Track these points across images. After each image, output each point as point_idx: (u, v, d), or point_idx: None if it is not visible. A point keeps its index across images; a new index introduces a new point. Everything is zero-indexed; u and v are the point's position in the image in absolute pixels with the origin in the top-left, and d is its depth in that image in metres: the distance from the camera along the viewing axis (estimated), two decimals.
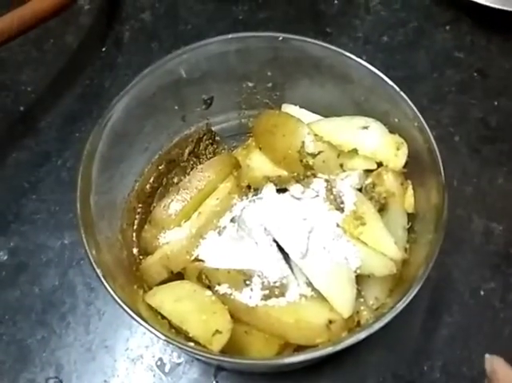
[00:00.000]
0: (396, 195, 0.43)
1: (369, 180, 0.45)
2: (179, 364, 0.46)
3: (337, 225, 0.41)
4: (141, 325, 0.35)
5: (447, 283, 0.48)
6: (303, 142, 0.44)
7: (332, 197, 0.42)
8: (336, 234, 0.40)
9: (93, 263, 0.37)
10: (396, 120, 0.44)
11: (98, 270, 0.36)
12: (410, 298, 0.36)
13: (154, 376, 0.46)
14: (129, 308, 0.35)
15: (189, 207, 0.45)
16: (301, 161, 0.44)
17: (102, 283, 0.36)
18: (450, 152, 0.55)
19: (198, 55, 0.47)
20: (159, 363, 0.46)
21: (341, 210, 0.42)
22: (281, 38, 0.45)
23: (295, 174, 0.45)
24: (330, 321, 0.38)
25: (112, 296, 0.35)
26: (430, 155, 0.40)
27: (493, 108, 0.58)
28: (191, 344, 0.37)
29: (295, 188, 0.44)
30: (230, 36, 0.46)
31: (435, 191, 0.39)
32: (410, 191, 0.43)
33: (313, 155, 0.44)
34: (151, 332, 0.35)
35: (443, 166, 0.40)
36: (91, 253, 0.37)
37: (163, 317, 0.39)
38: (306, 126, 0.45)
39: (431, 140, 0.40)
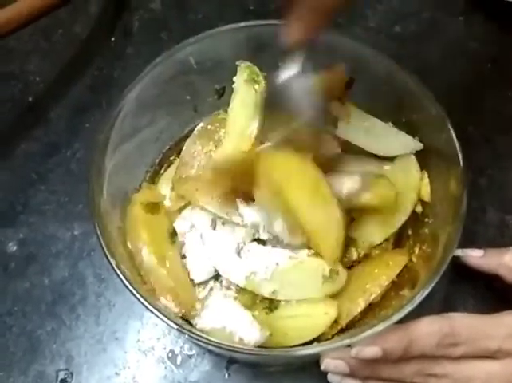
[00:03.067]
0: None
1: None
2: (190, 356, 0.46)
3: None
4: (154, 314, 0.35)
5: (462, 276, 0.47)
6: None
7: None
8: None
9: (106, 253, 0.36)
10: (412, 109, 0.44)
11: (111, 260, 0.36)
12: (428, 290, 0.36)
13: (165, 368, 0.45)
14: (142, 297, 0.35)
15: None
16: None
17: (115, 273, 0.35)
18: (464, 142, 0.54)
19: (209, 44, 0.46)
20: (170, 355, 0.46)
21: None
22: None
23: None
24: None
25: (125, 285, 0.35)
26: (448, 144, 0.39)
27: (507, 98, 0.57)
28: (203, 334, 0.36)
29: None
30: (241, 24, 0.46)
31: (453, 181, 0.39)
32: (426, 180, 0.43)
33: None
34: (164, 321, 0.35)
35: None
36: (104, 242, 0.37)
37: None
38: None
39: (449, 128, 0.39)
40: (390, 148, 0.45)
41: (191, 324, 0.39)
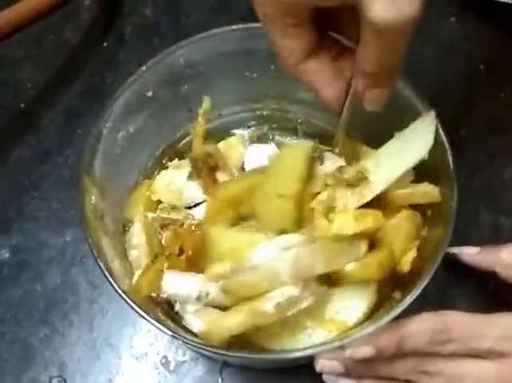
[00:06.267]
0: None
1: None
2: (183, 361, 0.46)
3: None
4: (147, 320, 0.34)
5: (457, 277, 0.47)
6: None
7: None
8: None
9: (97, 259, 0.36)
10: (401, 110, 0.43)
11: (102, 265, 0.36)
12: (418, 292, 0.35)
13: (159, 374, 0.45)
14: (135, 304, 0.34)
15: None
16: None
17: (107, 279, 0.35)
18: (456, 144, 0.54)
19: (200, 47, 0.46)
20: (163, 361, 0.46)
21: None
22: None
23: None
24: None
25: (117, 292, 0.35)
26: (438, 146, 0.39)
27: (499, 100, 0.57)
28: (196, 339, 0.36)
29: None
30: (232, 27, 0.46)
31: (444, 183, 0.39)
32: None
33: None
34: (157, 327, 0.34)
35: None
36: (95, 249, 0.37)
37: None
38: None
39: (440, 130, 0.39)
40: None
41: (181, 327, 0.39)
